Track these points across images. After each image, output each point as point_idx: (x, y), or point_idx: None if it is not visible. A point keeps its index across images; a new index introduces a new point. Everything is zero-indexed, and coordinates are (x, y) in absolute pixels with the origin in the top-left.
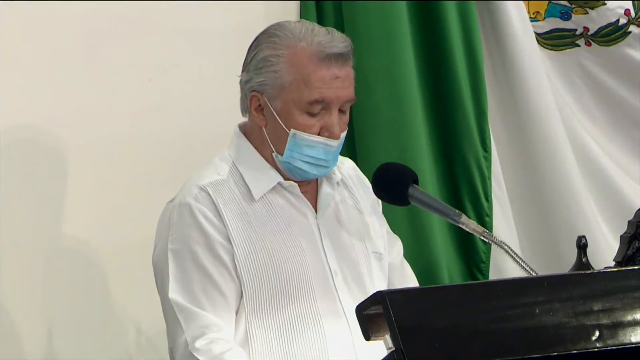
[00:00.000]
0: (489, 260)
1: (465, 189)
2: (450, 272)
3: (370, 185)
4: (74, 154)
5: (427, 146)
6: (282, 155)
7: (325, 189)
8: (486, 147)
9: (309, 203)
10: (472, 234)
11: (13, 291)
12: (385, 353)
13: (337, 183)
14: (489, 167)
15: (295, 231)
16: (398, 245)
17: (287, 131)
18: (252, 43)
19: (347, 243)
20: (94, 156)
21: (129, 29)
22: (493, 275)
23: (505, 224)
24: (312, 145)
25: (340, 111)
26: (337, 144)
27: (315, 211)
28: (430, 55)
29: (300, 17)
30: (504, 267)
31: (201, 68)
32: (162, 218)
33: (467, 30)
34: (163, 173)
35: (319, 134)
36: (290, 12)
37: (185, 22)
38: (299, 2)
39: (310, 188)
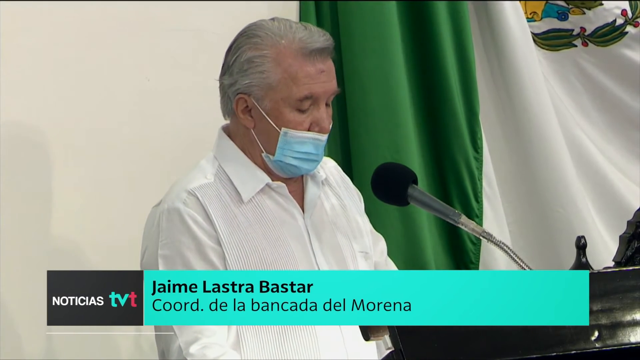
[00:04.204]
0: (478, 261)
1: (454, 189)
2: None
3: (353, 185)
4: (74, 153)
5: (418, 147)
6: (273, 155)
7: (311, 188)
8: (477, 148)
9: (296, 204)
10: (461, 235)
11: (13, 291)
12: (375, 352)
13: (322, 182)
14: (479, 168)
15: (285, 233)
16: (382, 244)
17: (278, 130)
18: (231, 45)
19: (334, 243)
20: (93, 155)
21: (129, 28)
22: None
23: (496, 224)
24: (303, 142)
25: (325, 104)
26: (326, 138)
27: (303, 211)
28: (421, 56)
29: (300, 18)
30: (493, 268)
31: (200, 68)
32: (148, 222)
33: (459, 31)
34: (162, 172)
35: (309, 130)
36: (290, 12)
37: (185, 22)
38: (298, 2)
39: (296, 188)
